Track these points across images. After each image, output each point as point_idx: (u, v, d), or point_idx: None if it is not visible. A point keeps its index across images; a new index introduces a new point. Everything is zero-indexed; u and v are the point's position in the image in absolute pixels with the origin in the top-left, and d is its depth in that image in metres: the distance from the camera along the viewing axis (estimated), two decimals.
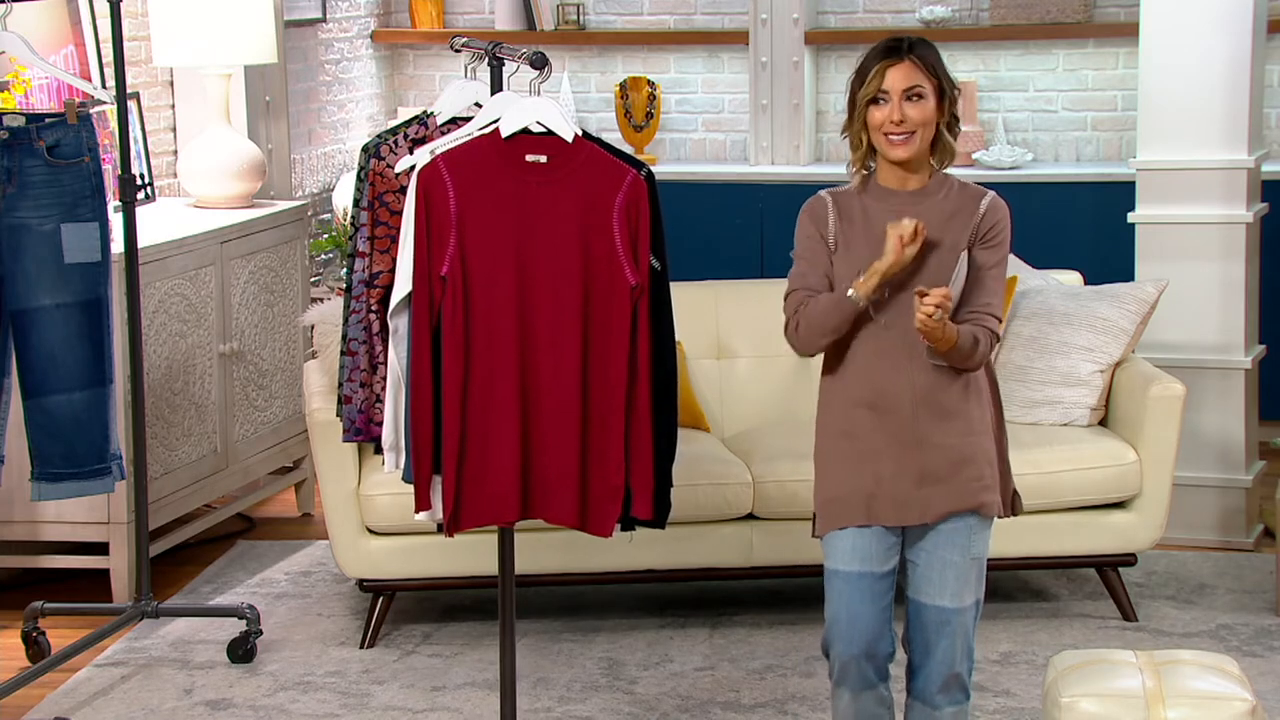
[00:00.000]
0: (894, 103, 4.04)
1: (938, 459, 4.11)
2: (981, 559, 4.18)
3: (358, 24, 8.65)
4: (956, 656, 4.18)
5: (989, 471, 4.16)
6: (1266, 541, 6.55)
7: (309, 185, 8.13)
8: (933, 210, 4.09)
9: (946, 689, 4.20)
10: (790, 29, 8.30)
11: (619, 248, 4.28)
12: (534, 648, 5.65)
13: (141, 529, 5.67)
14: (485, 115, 4.39)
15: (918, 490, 4.12)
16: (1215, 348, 6.51)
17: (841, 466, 4.15)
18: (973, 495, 4.13)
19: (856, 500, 4.13)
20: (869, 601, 4.14)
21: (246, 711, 5.24)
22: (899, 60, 4.06)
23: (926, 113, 4.06)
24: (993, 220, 4.13)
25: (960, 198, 4.13)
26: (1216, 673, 4.35)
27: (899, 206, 4.09)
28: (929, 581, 4.16)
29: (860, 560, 4.14)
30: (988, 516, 4.17)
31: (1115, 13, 8.29)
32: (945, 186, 4.14)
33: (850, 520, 4.13)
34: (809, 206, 4.17)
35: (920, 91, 4.05)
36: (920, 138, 4.07)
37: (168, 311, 6.18)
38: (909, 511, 4.13)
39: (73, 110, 5.18)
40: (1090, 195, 7.96)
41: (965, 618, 4.17)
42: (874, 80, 4.05)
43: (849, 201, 4.15)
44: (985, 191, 4.17)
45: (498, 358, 4.30)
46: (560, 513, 4.37)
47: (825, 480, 4.19)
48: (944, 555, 4.14)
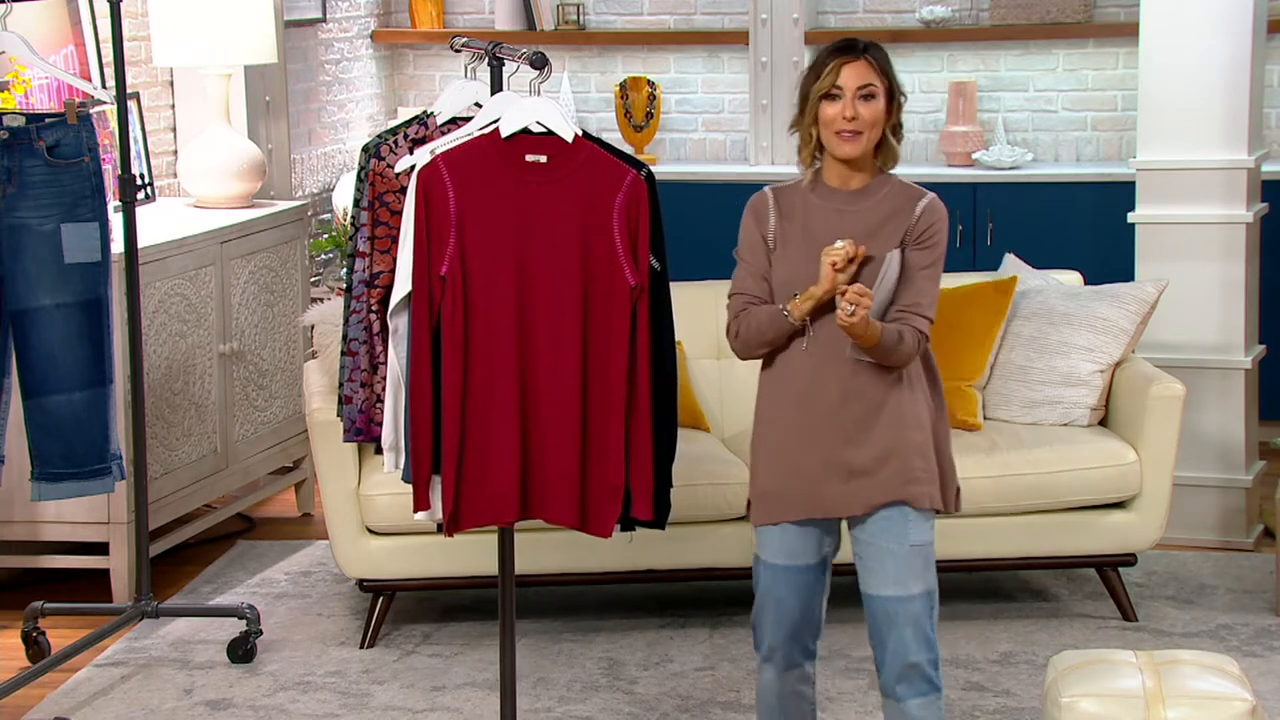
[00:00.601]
0: (847, 99, 4.12)
1: (866, 453, 4.17)
2: (924, 547, 4.20)
3: (358, 24, 8.65)
4: (910, 646, 4.19)
5: (920, 463, 4.19)
6: (1266, 541, 6.55)
7: (309, 185, 8.13)
8: (870, 210, 4.18)
9: (905, 680, 4.21)
10: (790, 29, 8.29)
11: (619, 248, 4.28)
12: (534, 648, 5.65)
13: (141, 529, 5.67)
14: (485, 115, 4.39)
15: (846, 484, 4.19)
16: (1215, 348, 6.51)
17: (773, 460, 4.25)
18: (900, 487, 4.18)
19: (786, 495, 4.22)
20: (794, 593, 4.25)
21: (246, 711, 5.24)
22: (855, 58, 4.14)
23: (877, 112, 4.14)
24: (928, 221, 4.19)
25: (898, 198, 4.20)
26: (1216, 673, 4.35)
27: (838, 204, 4.18)
28: (872, 572, 4.22)
29: (787, 555, 4.24)
30: (920, 508, 4.19)
31: (1115, 13, 8.29)
32: (885, 186, 4.21)
33: (781, 516, 4.23)
34: (752, 204, 4.27)
35: (873, 91, 4.14)
36: (868, 138, 4.15)
37: (168, 311, 6.18)
38: (838, 505, 4.21)
39: (73, 110, 5.18)
40: (1090, 195, 7.96)
41: (913, 606, 4.19)
42: (829, 76, 4.12)
43: (791, 198, 4.23)
44: (924, 193, 4.23)
45: (497, 358, 4.30)
46: (560, 513, 4.37)
47: (758, 473, 4.29)
48: (882, 545, 4.19)
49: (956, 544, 5.74)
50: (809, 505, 4.20)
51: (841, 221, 4.16)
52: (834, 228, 4.15)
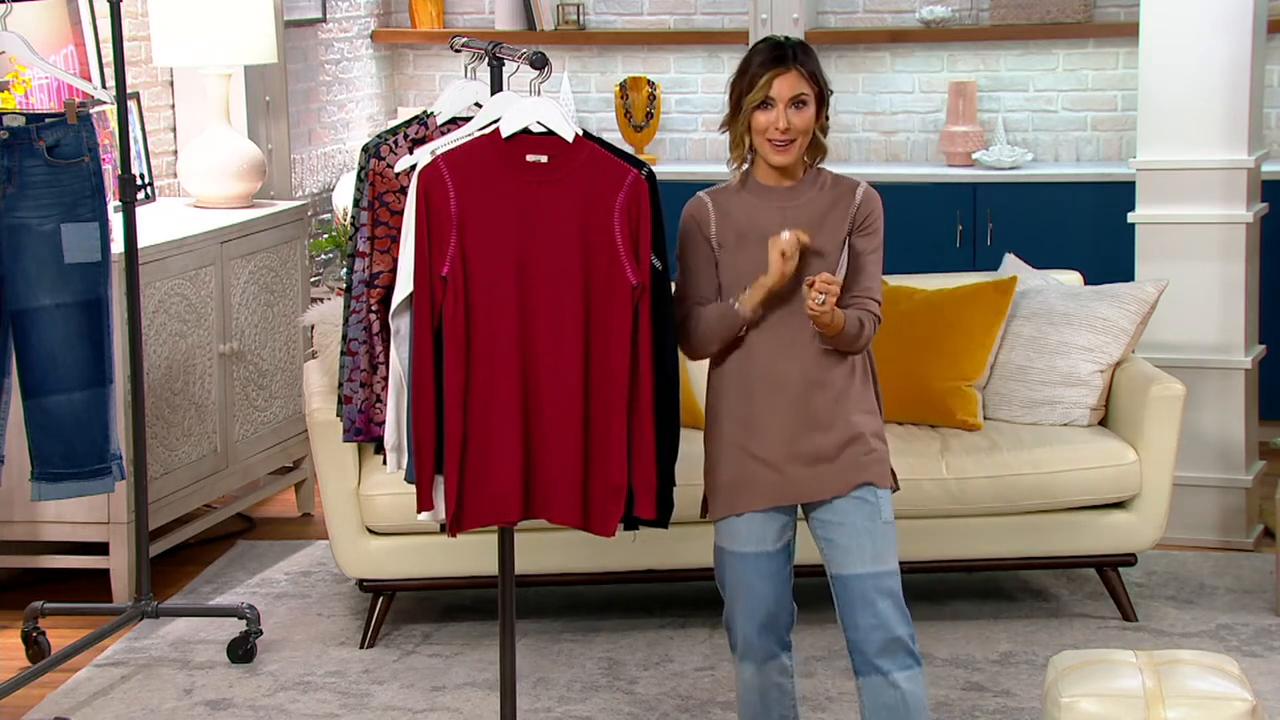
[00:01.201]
0: (779, 109, 4.23)
1: (829, 439, 4.27)
2: (892, 524, 4.30)
3: (358, 24, 8.65)
4: (892, 619, 4.24)
5: (878, 444, 4.31)
6: (1266, 541, 6.55)
7: (309, 185, 8.13)
8: (810, 204, 4.30)
9: (889, 652, 4.24)
10: (790, 29, 8.29)
11: (620, 247, 4.28)
12: (534, 648, 5.65)
13: (141, 529, 5.67)
14: (485, 115, 4.39)
15: (810, 469, 4.28)
16: (1215, 348, 6.51)
17: (736, 451, 4.33)
18: (864, 469, 4.28)
19: (752, 484, 4.30)
20: (766, 579, 4.32)
21: (246, 711, 5.24)
22: (787, 70, 4.24)
23: (808, 120, 4.26)
24: (868, 209, 4.32)
25: (835, 190, 4.33)
26: (1216, 673, 4.35)
27: (778, 201, 4.30)
28: (847, 552, 4.26)
29: (755, 542, 4.32)
30: (884, 487, 4.30)
31: (1115, 13, 8.29)
32: (819, 180, 4.33)
33: (748, 505, 4.31)
34: (690, 209, 4.36)
35: (804, 99, 4.25)
36: (800, 145, 4.27)
37: (168, 311, 6.19)
38: (805, 490, 4.29)
39: (73, 110, 5.18)
40: (1090, 195, 7.96)
41: (890, 581, 4.26)
42: (762, 89, 4.23)
43: (728, 200, 4.34)
44: (858, 182, 4.36)
45: (499, 358, 4.30)
46: (562, 513, 4.37)
47: (718, 466, 4.37)
48: (857, 524, 4.26)
49: (956, 544, 5.74)
50: (777, 493, 4.29)
51: (785, 217, 4.27)
52: (778, 223, 4.25)
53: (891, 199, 8.05)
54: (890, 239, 8.22)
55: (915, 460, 5.68)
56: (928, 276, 6.24)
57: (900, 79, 8.52)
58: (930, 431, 5.86)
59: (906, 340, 5.94)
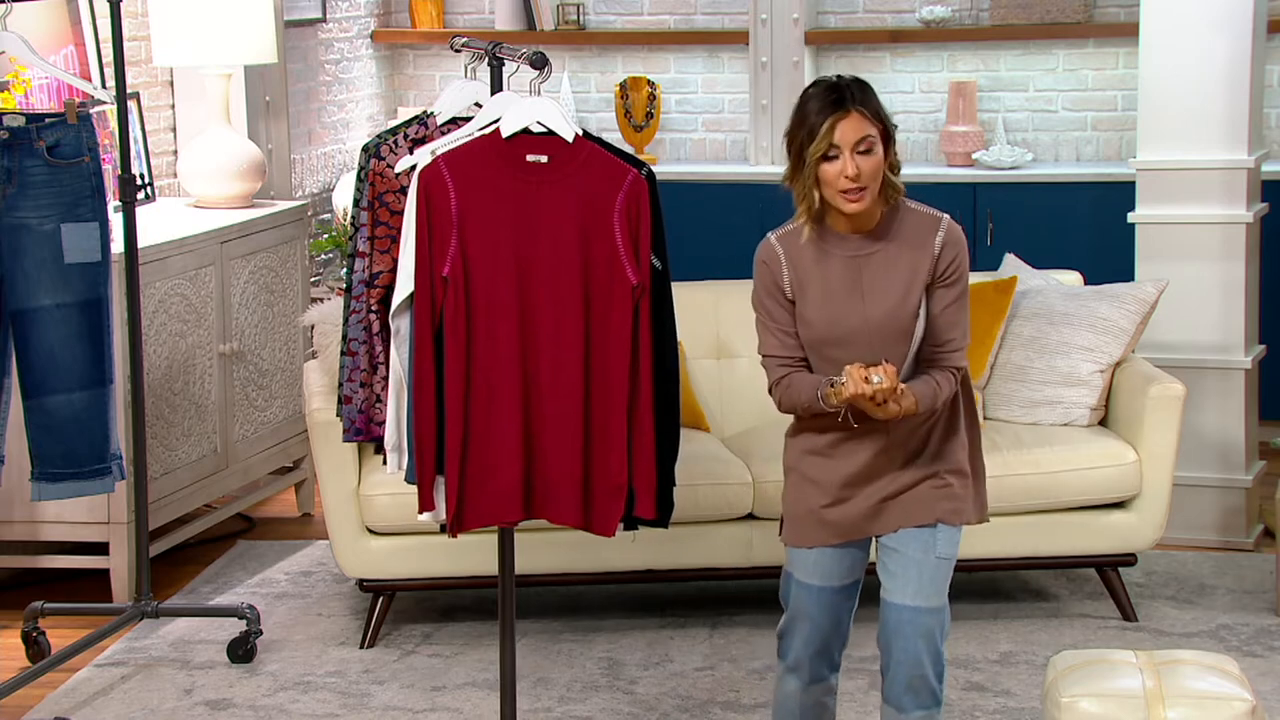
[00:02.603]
0: (846, 157, 4.01)
1: (906, 476, 4.17)
2: (949, 561, 4.19)
3: (358, 24, 8.65)
4: (922, 658, 4.17)
5: (956, 480, 4.18)
6: (1266, 541, 6.55)
7: (309, 185, 8.13)
8: (886, 254, 4.10)
9: (913, 690, 4.19)
10: (790, 29, 8.29)
11: (620, 247, 4.28)
12: (534, 648, 5.65)
13: (141, 529, 5.67)
14: (485, 115, 4.39)
15: (882, 504, 4.17)
16: (1215, 348, 6.51)
17: (811, 485, 4.20)
18: (932, 505, 4.16)
19: (823, 522, 4.19)
20: (827, 612, 4.25)
21: (246, 711, 5.24)
22: (847, 113, 4.01)
23: (877, 164, 4.04)
24: (950, 256, 4.12)
25: (913, 232, 4.11)
26: (1216, 673, 4.35)
27: (851, 251, 4.10)
28: (895, 579, 4.19)
29: (822, 576, 4.23)
30: (952, 524, 4.18)
31: (1115, 13, 8.29)
32: (895, 219, 4.12)
33: (816, 541, 4.21)
34: (761, 257, 4.16)
35: (870, 143, 4.03)
36: (871, 191, 4.05)
37: (168, 311, 6.19)
38: (873, 526, 4.19)
39: (73, 110, 5.18)
40: (1090, 195, 7.96)
41: (931, 619, 4.16)
42: (825, 137, 4.00)
43: (799, 247, 4.13)
44: (939, 220, 4.14)
45: (499, 358, 4.30)
46: (563, 512, 4.37)
47: (794, 493, 4.24)
48: (909, 554, 4.17)
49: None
50: (848, 530, 4.20)
51: (859, 266, 4.10)
52: (853, 275, 4.09)
53: None
54: None
55: None
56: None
57: (900, 79, 8.52)
58: None
59: None
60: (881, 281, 4.09)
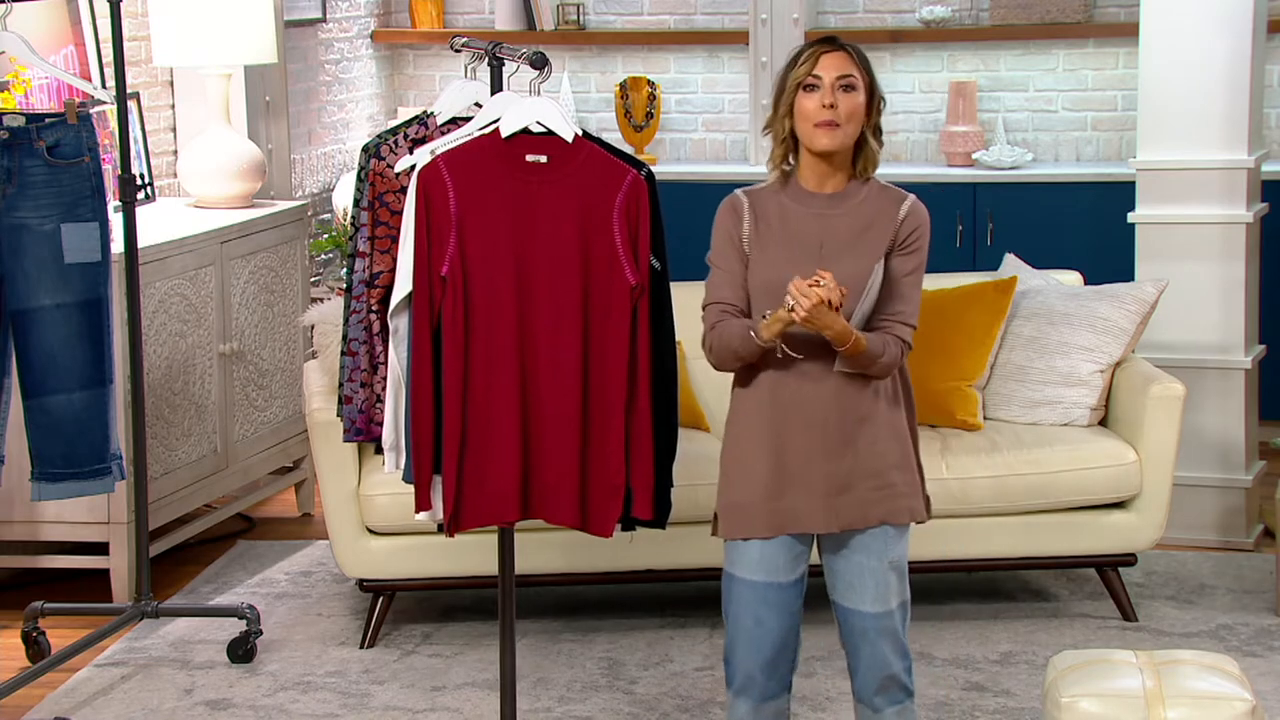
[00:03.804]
0: (826, 88, 4.00)
1: (848, 468, 4.09)
2: (901, 563, 4.15)
3: (358, 24, 8.65)
4: (888, 659, 4.15)
5: (900, 478, 4.12)
6: (1266, 541, 6.55)
7: (309, 185, 8.13)
8: (851, 214, 4.08)
9: (884, 690, 4.17)
10: (790, 29, 8.29)
11: (619, 247, 4.29)
12: (534, 648, 5.65)
13: (141, 529, 5.67)
14: (485, 115, 4.39)
15: (826, 499, 4.09)
16: (1215, 348, 6.51)
17: (749, 471, 4.12)
18: (880, 504, 4.11)
19: (763, 510, 4.10)
20: (775, 612, 4.12)
21: (246, 711, 5.24)
22: (835, 49, 4.03)
23: (856, 105, 4.03)
24: (912, 226, 4.09)
25: (879, 202, 4.09)
26: (1216, 673, 4.35)
27: (817, 208, 4.08)
28: (850, 588, 4.14)
29: (766, 570, 4.12)
30: (900, 524, 4.13)
31: (1115, 13, 8.29)
32: (864, 189, 4.11)
33: (756, 531, 4.11)
34: (725, 206, 4.15)
35: (853, 82, 4.03)
36: (846, 131, 4.03)
37: (168, 311, 6.19)
38: (815, 522, 4.11)
39: (73, 110, 5.19)
40: (1090, 195, 7.96)
41: (890, 621, 4.13)
42: (806, 64, 4.01)
43: (765, 201, 4.12)
44: (905, 195, 4.12)
45: (498, 358, 4.30)
46: (561, 513, 4.37)
47: (731, 483, 4.16)
48: (861, 561, 4.12)
49: (957, 544, 5.74)
50: (785, 522, 4.10)
51: (821, 226, 4.07)
52: (814, 232, 4.06)
53: None
54: None
55: None
56: (928, 276, 6.17)
57: (900, 79, 8.52)
58: (930, 431, 5.86)
59: None
60: (842, 239, 4.05)
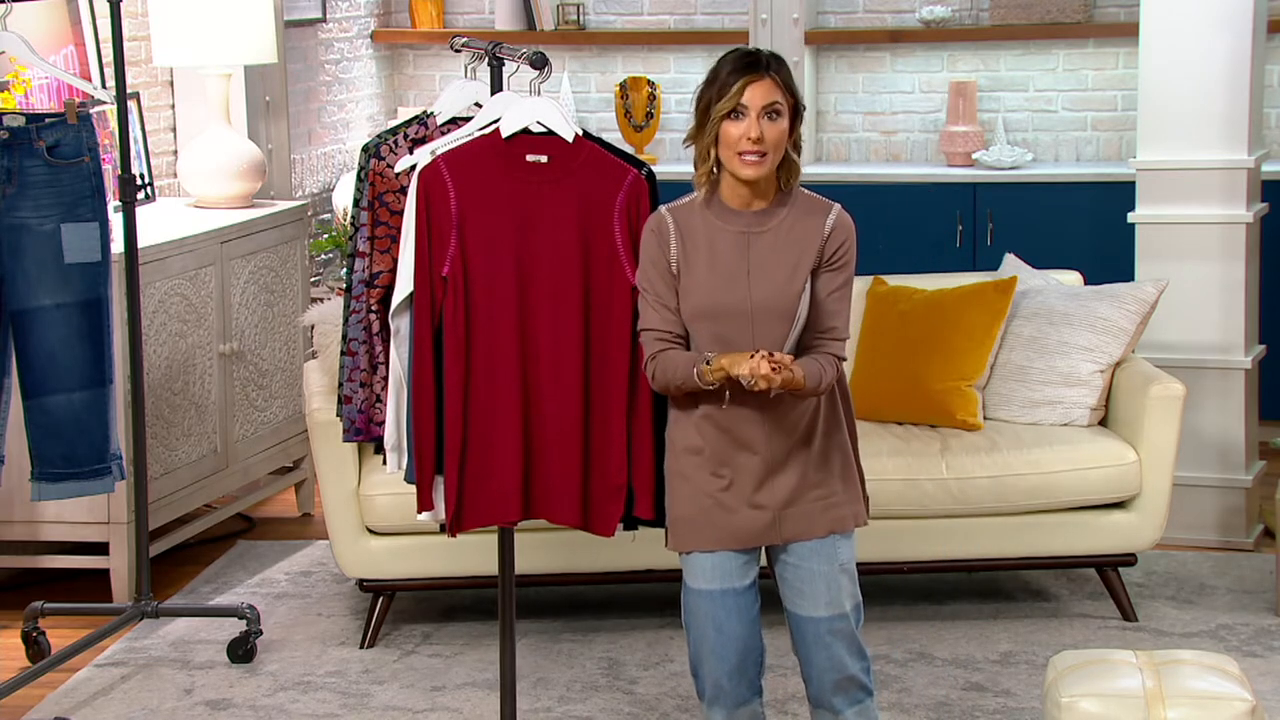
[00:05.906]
0: (751, 118, 3.99)
1: (791, 483, 4.11)
2: (850, 566, 4.16)
3: (358, 24, 8.65)
4: (844, 660, 4.15)
5: (842, 487, 4.15)
6: (1266, 541, 6.55)
7: (309, 185, 8.13)
8: (775, 233, 4.07)
9: (842, 691, 4.18)
10: (790, 29, 8.29)
11: (620, 247, 4.29)
12: (534, 648, 5.65)
13: (141, 529, 5.67)
14: (485, 115, 4.39)
15: (769, 512, 4.12)
16: (1215, 348, 6.51)
17: (692, 485, 4.14)
18: (825, 514, 4.13)
19: (709, 522, 4.13)
20: (736, 617, 4.15)
21: (246, 711, 5.24)
22: (760, 76, 4.01)
23: (780, 132, 4.02)
24: (840, 239, 4.08)
25: (804, 217, 4.08)
26: (1216, 673, 4.35)
27: (741, 226, 4.07)
28: (801, 595, 4.15)
29: (721, 578, 4.14)
30: (845, 531, 4.15)
31: (1115, 13, 8.29)
32: (789, 203, 4.10)
33: (702, 544, 4.14)
34: (650, 228, 4.13)
35: (778, 109, 4.01)
36: (772, 159, 4.03)
37: (168, 311, 6.19)
38: (759, 535, 4.14)
39: (73, 110, 5.19)
40: (1090, 195, 7.96)
41: (845, 623, 4.15)
42: (734, 95, 4.00)
43: (691, 219, 4.10)
44: (830, 205, 4.11)
45: (499, 358, 4.30)
46: (562, 513, 4.37)
47: (677, 497, 4.17)
48: (811, 567, 4.14)
49: (957, 544, 5.74)
50: (729, 536, 4.13)
51: (748, 245, 4.06)
52: (740, 251, 4.06)
53: (891, 199, 8.13)
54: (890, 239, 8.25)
55: (915, 460, 5.69)
56: (928, 276, 6.24)
57: (900, 79, 8.52)
58: (930, 431, 5.86)
59: (906, 340, 5.94)
60: (769, 260, 4.05)
